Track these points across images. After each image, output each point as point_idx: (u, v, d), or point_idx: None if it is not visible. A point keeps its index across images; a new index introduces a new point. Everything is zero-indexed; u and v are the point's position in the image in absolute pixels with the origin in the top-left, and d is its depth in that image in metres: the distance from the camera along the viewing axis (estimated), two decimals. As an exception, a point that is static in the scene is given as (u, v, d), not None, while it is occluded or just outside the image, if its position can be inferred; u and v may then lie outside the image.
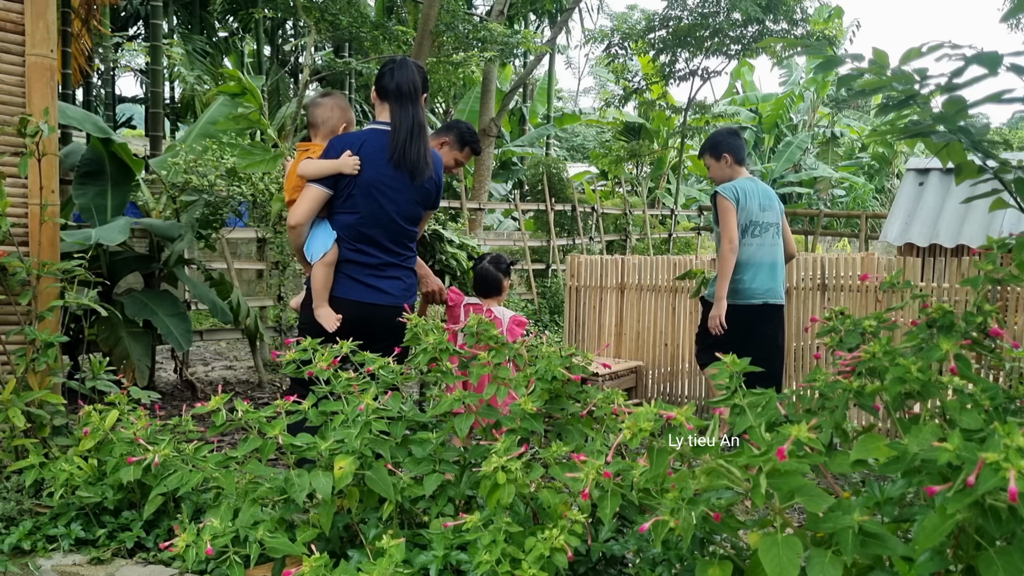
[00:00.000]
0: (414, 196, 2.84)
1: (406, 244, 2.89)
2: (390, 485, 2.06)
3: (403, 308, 2.75)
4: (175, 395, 5.47)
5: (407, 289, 2.89)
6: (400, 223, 2.84)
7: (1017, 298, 4.52)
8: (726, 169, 4.06)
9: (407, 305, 2.86)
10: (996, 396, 1.49)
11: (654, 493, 1.82)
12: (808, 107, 23.75)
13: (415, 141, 2.78)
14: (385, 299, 2.81)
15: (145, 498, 2.49)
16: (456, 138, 3.62)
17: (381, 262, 2.81)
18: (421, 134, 2.80)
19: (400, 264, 2.87)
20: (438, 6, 8.84)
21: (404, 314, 2.45)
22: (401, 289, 2.86)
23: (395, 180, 2.80)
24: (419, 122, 2.79)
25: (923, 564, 1.31)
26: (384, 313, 2.80)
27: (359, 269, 2.80)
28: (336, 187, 2.78)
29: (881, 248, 12.62)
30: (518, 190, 15.26)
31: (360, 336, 2.55)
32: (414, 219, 2.90)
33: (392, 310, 2.77)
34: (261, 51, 16.85)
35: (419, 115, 2.80)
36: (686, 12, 12.88)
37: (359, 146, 2.79)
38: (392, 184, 2.79)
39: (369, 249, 2.80)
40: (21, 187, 3.21)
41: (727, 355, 1.74)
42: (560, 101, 28.05)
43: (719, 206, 3.94)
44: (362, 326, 2.76)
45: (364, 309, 2.79)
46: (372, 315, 2.80)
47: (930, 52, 1.75)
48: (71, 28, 9.90)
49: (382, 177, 2.78)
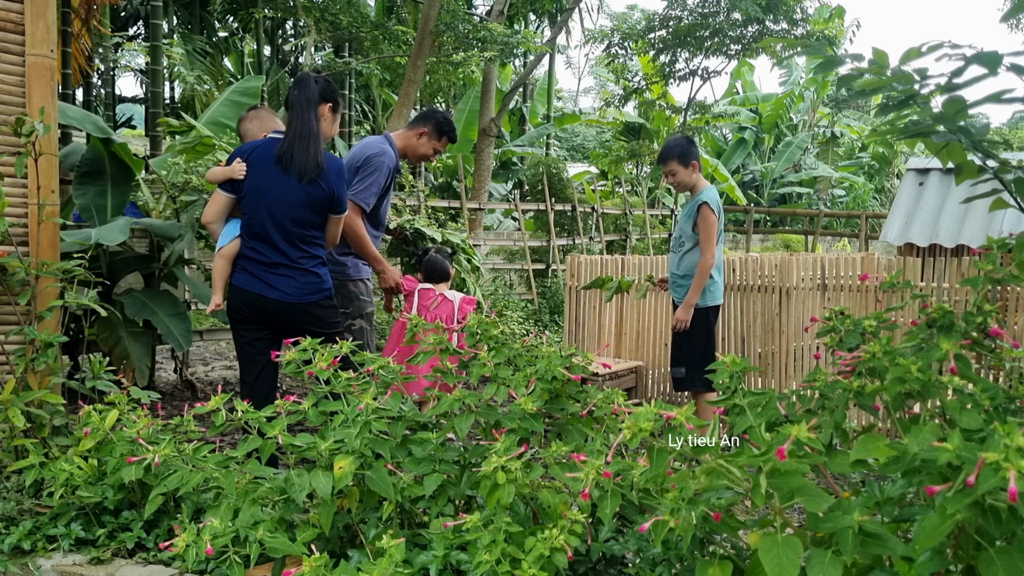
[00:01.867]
0: (300, 200, 3.01)
1: (299, 245, 3.04)
2: (390, 485, 2.06)
3: (298, 305, 3.01)
4: (175, 395, 5.47)
5: (301, 287, 3.04)
6: (287, 225, 3.01)
7: (1017, 298, 4.52)
8: (693, 176, 4.18)
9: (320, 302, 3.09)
10: (996, 396, 1.49)
11: (654, 493, 1.82)
12: (808, 107, 23.76)
13: (302, 145, 2.98)
14: (275, 294, 3.01)
15: (145, 498, 2.49)
16: (434, 128, 3.75)
17: (271, 261, 3.02)
18: (311, 139, 3.00)
19: (291, 264, 3.03)
20: (438, 6, 8.85)
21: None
22: (293, 287, 3.02)
23: (280, 184, 2.99)
24: (308, 129, 3.00)
25: (923, 564, 1.31)
26: (277, 307, 3.02)
27: (252, 264, 3.05)
28: (236, 190, 3.06)
29: (881, 248, 12.62)
30: (518, 190, 15.26)
31: (254, 321, 3.04)
32: (304, 222, 3.03)
33: (285, 306, 3.01)
34: (261, 51, 16.84)
35: (310, 123, 3.01)
36: (686, 12, 12.87)
37: (249, 153, 3.07)
38: (277, 187, 2.99)
39: (260, 247, 3.03)
40: (21, 187, 3.21)
41: (725, 356, 1.74)
42: (560, 101, 28.05)
43: (705, 219, 4.03)
44: (258, 314, 3.05)
45: (255, 298, 3.02)
46: (264, 305, 3.03)
47: (930, 52, 1.75)
48: (71, 28, 9.90)
49: (266, 181, 3.01)
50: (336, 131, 3.31)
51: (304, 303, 3.03)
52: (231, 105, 6.31)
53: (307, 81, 3.07)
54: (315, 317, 3.07)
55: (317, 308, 3.08)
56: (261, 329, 3.07)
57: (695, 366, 4.03)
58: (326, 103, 3.12)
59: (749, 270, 5.26)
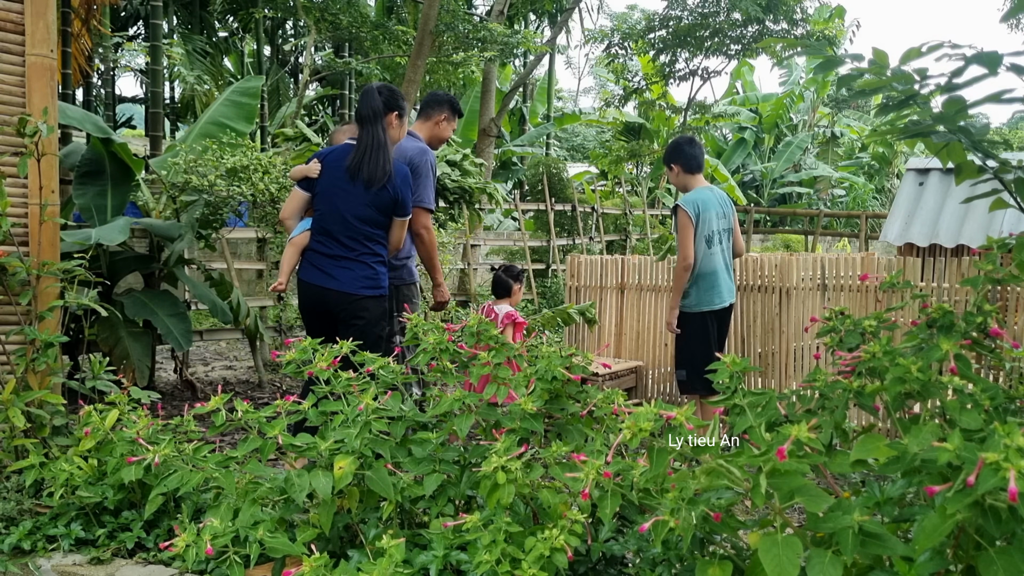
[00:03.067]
0: (367, 200, 3.26)
1: (362, 241, 3.28)
2: (390, 485, 2.06)
3: (354, 295, 3.25)
4: (175, 395, 5.47)
5: (357, 280, 3.27)
6: (353, 222, 3.26)
7: (1017, 298, 4.52)
8: (679, 178, 4.21)
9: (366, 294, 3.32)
10: (996, 396, 1.49)
11: (654, 493, 1.82)
12: (808, 107, 23.75)
13: (371, 157, 3.24)
14: (335, 284, 3.26)
15: (145, 498, 2.49)
16: (449, 110, 3.95)
17: (334, 253, 3.27)
18: (379, 151, 3.25)
19: (353, 258, 3.28)
20: (438, 6, 8.84)
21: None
22: (350, 278, 3.27)
23: (349, 185, 3.26)
24: (377, 141, 3.26)
25: (923, 564, 1.31)
26: (333, 296, 3.26)
27: (317, 257, 3.31)
28: (311, 189, 3.35)
29: (881, 248, 12.63)
30: (518, 190, 15.27)
31: (319, 315, 3.29)
32: (369, 220, 3.28)
33: (340, 295, 3.26)
34: (261, 51, 16.84)
35: (378, 135, 3.27)
36: (686, 12, 12.87)
37: (325, 156, 3.37)
38: (346, 188, 3.26)
39: (327, 241, 3.29)
40: (21, 187, 3.21)
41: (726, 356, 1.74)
42: (560, 101, 28.05)
43: (679, 220, 4.06)
44: (320, 306, 3.31)
45: (317, 291, 3.29)
46: (324, 297, 3.28)
47: (930, 52, 1.75)
48: (71, 28, 9.89)
49: (337, 182, 3.28)
50: (404, 134, 3.57)
51: (359, 295, 3.26)
52: (231, 105, 6.30)
53: (371, 94, 3.31)
54: (365, 310, 3.28)
55: (369, 302, 3.29)
56: (323, 321, 3.29)
57: (695, 370, 4.02)
58: (392, 112, 3.36)
59: (749, 270, 5.26)
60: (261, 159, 5.04)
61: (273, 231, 5.82)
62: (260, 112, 13.06)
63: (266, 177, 4.92)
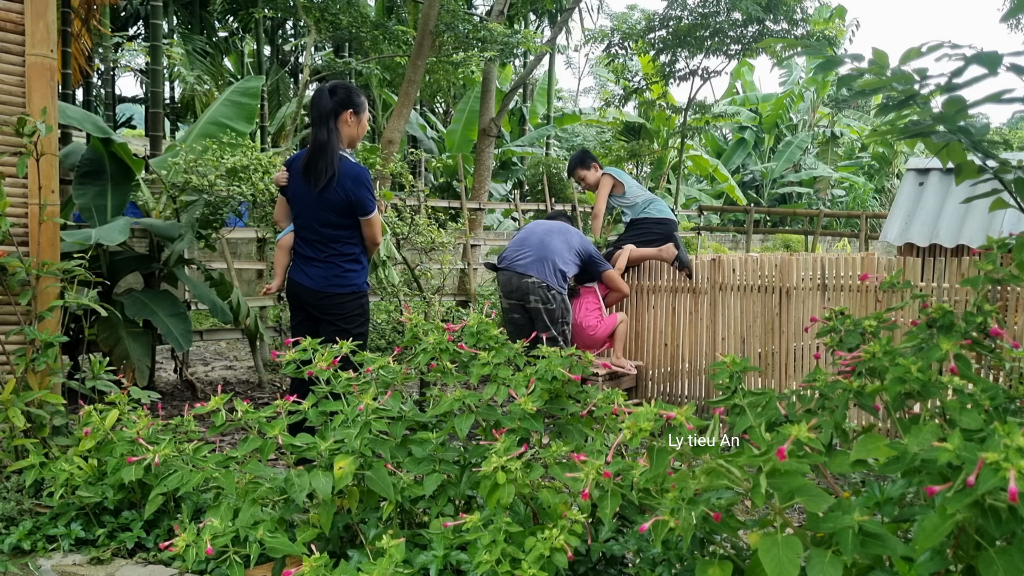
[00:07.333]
0: (322, 204, 3.33)
1: (328, 243, 3.39)
2: (390, 485, 2.06)
3: (322, 292, 3.37)
4: (175, 395, 5.47)
5: (326, 278, 3.39)
6: (316, 226, 3.38)
7: (1017, 298, 4.52)
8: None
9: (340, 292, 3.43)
10: (996, 396, 1.49)
11: (654, 493, 1.82)
12: (808, 107, 23.76)
13: (316, 158, 3.30)
14: (307, 282, 3.41)
15: (145, 498, 2.49)
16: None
17: (307, 255, 3.44)
18: (322, 153, 3.30)
19: (321, 259, 3.40)
20: (438, 6, 8.84)
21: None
22: (320, 277, 3.39)
23: (306, 191, 3.35)
24: (320, 143, 3.30)
25: (923, 564, 1.31)
26: (308, 293, 3.41)
27: (297, 257, 3.52)
28: (285, 194, 3.50)
29: (881, 248, 12.62)
30: (518, 190, 15.25)
31: (298, 309, 3.50)
32: (329, 223, 3.36)
33: (312, 292, 3.39)
34: (261, 51, 16.84)
35: (321, 135, 3.30)
36: (686, 12, 12.87)
37: (292, 162, 3.48)
38: (305, 193, 3.36)
39: (300, 244, 3.49)
40: (21, 187, 3.20)
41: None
42: (560, 101, 28.04)
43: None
44: (298, 300, 3.49)
45: (295, 286, 3.48)
46: (300, 292, 3.45)
47: (930, 52, 1.75)
48: (71, 28, 9.89)
49: (298, 188, 3.40)
50: (364, 131, 3.55)
51: (329, 292, 3.37)
52: (231, 105, 6.30)
53: (319, 95, 3.35)
54: (339, 307, 3.38)
55: (341, 299, 3.38)
56: (302, 314, 3.49)
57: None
58: (346, 110, 3.36)
59: (749, 270, 5.26)
60: (261, 159, 5.04)
61: (273, 231, 5.81)
62: (260, 112, 13.07)
63: (266, 177, 4.92)
